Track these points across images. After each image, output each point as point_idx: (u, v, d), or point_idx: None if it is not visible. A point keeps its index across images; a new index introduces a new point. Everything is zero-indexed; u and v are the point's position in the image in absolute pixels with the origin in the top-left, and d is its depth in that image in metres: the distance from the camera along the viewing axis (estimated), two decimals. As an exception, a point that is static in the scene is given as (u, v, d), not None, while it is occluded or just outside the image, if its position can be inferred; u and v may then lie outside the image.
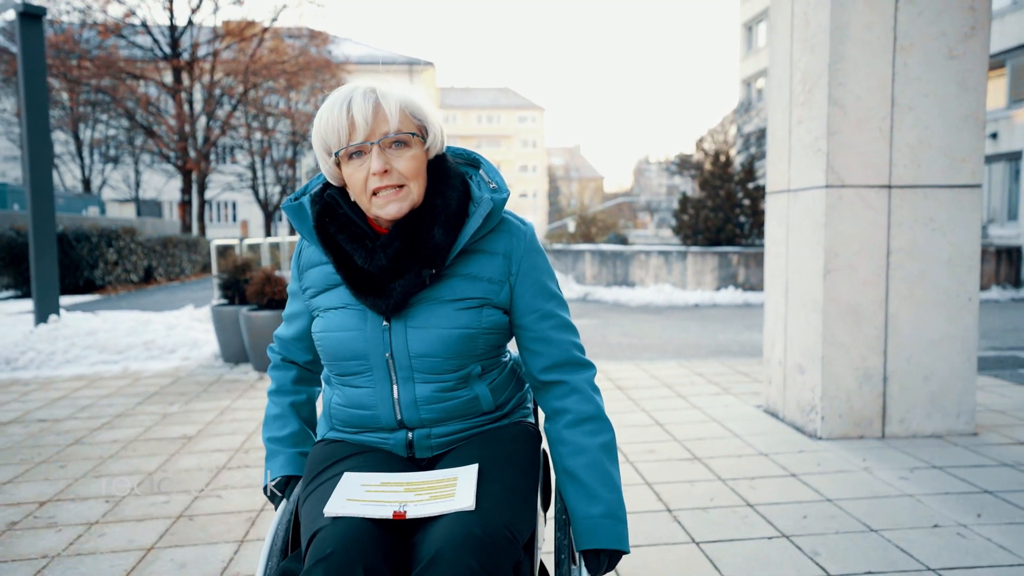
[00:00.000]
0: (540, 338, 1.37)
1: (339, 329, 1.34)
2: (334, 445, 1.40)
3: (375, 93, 1.28)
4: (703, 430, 3.76)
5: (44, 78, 6.51)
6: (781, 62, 3.83)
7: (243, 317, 5.59)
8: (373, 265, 1.28)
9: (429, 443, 1.36)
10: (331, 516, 1.14)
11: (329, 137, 1.29)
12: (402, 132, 1.27)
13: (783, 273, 3.88)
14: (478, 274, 1.33)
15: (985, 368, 5.15)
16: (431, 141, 1.33)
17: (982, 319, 8.23)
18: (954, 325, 3.52)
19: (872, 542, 2.41)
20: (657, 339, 7.16)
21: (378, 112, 1.27)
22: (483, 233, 1.34)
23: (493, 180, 1.38)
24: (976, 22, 3.37)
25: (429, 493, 1.19)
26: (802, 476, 3.05)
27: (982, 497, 2.77)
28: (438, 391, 1.33)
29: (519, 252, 1.36)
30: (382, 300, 1.28)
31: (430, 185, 1.32)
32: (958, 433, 3.54)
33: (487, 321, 1.34)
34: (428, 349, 1.30)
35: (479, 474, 1.24)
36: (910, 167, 3.44)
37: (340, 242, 1.31)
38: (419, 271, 1.28)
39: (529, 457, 1.37)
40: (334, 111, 1.28)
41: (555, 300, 1.39)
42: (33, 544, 2.57)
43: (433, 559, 1.07)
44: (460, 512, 1.13)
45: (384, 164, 1.25)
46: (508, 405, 1.45)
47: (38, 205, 6.56)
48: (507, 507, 1.19)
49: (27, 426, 4.16)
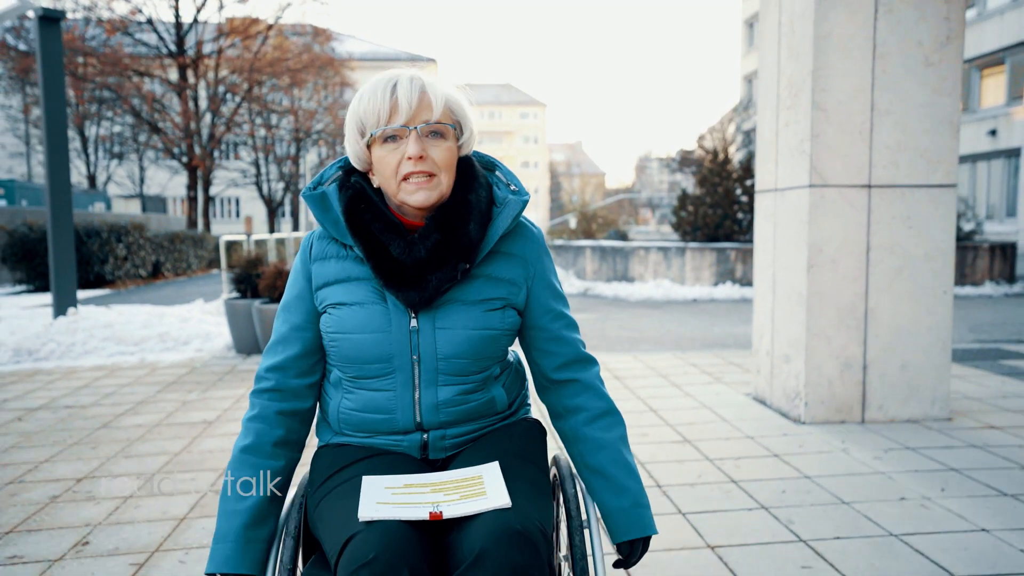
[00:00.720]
0: (554, 338, 1.39)
1: (361, 331, 1.30)
2: (342, 449, 1.37)
3: (422, 80, 1.29)
4: (694, 416, 3.99)
5: (62, 79, 6.73)
6: (769, 68, 4.05)
7: (256, 310, 5.82)
8: (411, 256, 1.26)
9: (443, 444, 1.36)
10: (365, 520, 1.13)
11: (368, 118, 1.28)
12: (442, 123, 1.28)
13: (771, 268, 4.10)
14: (501, 275, 1.35)
15: (968, 359, 5.37)
16: (465, 139, 1.34)
17: (973, 313, 8.44)
18: (930, 317, 3.74)
19: (842, 512, 2.64)
20: (654, 332, 7.39)
21: (423, 99, 1.27)
22: (505, 234, 1.35)
23: (511, 182, 1.40)
24: (951, 32, 3.58)
25: (459, 493, 1.20)
26: (784, 456, 3.28)
27: (948, 474, 3.00)
28: (460, 394, 1.33)
29: (534, 255, 1.38)
30: (415, 292, 1.27)
31: (461, 182, 1.33)
32: (933, 418, 3.77)
33: (508, 322, 1.35)
34: (457, 350, 1.30)
35: (502, 470, 1.26)
36: (889, 168, 3.66)
37: (375, 231, 1.28)
38: (455, 264, 1.28)
39: (540, 452, 1.41)
40: (377, 93, 1.27)
41: (563, 299, 1.43)
42: (75, 514, 2.81)
43: (479, 556, 1.08)
44: (496, 510, 1.14)
45: (420, 150, 1.25)
46: (515, 403, 1.48)
47: (56, 203, 6.80)
48: (536, 503, 1.21)
49: (55, 412, 4.40)
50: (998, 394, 4.32)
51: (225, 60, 22.26)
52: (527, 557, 1.09)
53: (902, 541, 2.40)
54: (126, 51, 21.06)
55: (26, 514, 2.81)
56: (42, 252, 11.84)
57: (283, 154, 27.86)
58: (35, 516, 2.79)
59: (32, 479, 3.21)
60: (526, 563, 1.08)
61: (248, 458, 1.30)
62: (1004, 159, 22.41)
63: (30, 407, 4.51)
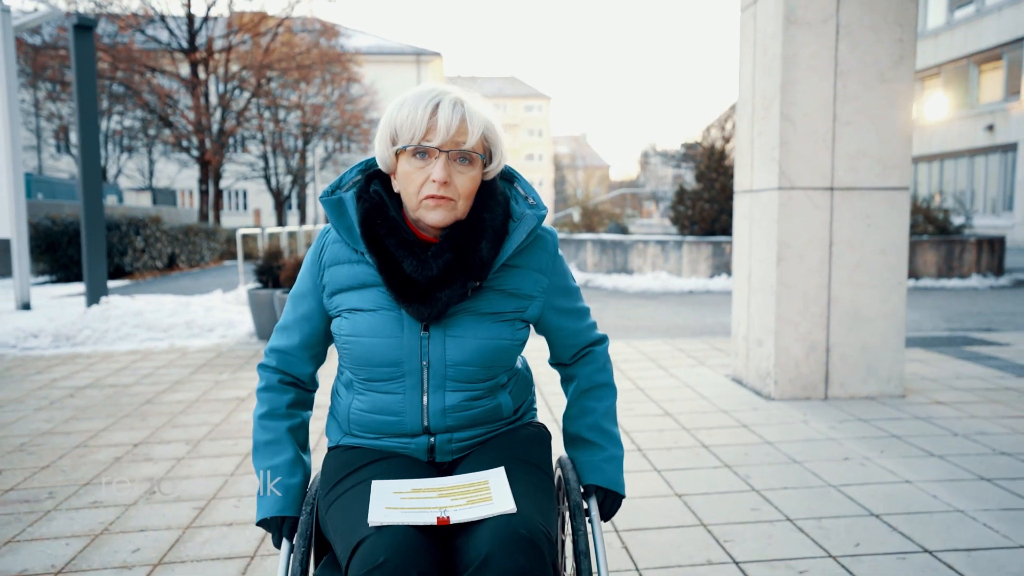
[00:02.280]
0: (573, 332, 1.48)
1: (373, 335, 1.34)
2: (351, 452, 1.41)
3: (464, 106, 1.31)
4: (676, 394, 4.45)
5: (95, 83, 7.20)
6: (745, 83, 4.48)
7: (278, 299, 6.29)
8: (423, 274, 1.29)
9: (450, 447, 1.40)
10: (375, 525, 1.17)
11: (403, 130, 1.30)
12: (474, 151, 1.31)
13: (747, 261, 4.55)
14: (513, 289, 1.39)
15: (934, 345, 5.82)
16: (492, 166, 1.38)
17: (953, 304, 8.87)
18: (886, 305, 4.19)
19: (793, 469, 3.11)
20: (649, 321, 7.84)
21: (463, 124, 1.29)
22: (521, 248, 1.39)
23: (529, 195, 1.42)
24: (903, 52, 4.02)
25: (465, 498, 1.24)
26: (751, 427, 3.75)
27: (890, 440, 3.46)
28: (466, 399, 1.37)
29: (549, 264, 1.43)
30: (426, 308, 1.30)
31: (479, 200, 1.36)
32: (888, 395, 4.23)
33: (519, 334, 1.40)
34: (465, 358, 1.34)
35: (507, 475, 1.31)
36: (849, 172, 4.11)
37: (389, 247, 1.31)
38: (465, 282, 1.31)
39: (546, 457, 1.45)
40: (418, 109, 1.28)
41: (576, 294, 1.49)
42: (138, 471, 3.29)
43: (485, 560, 1.12)
44: (501, 515, 1.18)
45: (446, 176, 1.28)
46: (521, 409, 1.52)
47: (89, 199, 7.27)
48: (540, 507, 1.25)
49: (102, 390, 4.88)
50: (952, 375, 4.77)
51: (235, 56, 22.70)
52: (532, 561, 1.13)
53: (838, 490, 2.86)
54: (138, 47, 21.52)
55: (97, 471, 3.29)
56: (64, 244, 12.35)
57: (291, 148, 28.32)
58: (104, 472, 3.27)
59: (95, 444, 3.69)
60: (531, 567, 1.12)
61: (268, 423, 1.43)
62: (1001, 154, 22.72)
63: (78, 386, 4.99)
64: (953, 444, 3.40)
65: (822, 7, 3.99)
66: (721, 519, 2.62)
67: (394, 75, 38.38)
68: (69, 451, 3.58)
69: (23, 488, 3.08)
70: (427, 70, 40.46)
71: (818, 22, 4.00)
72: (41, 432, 3.90)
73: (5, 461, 3.43)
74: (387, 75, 36.71)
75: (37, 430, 3.94)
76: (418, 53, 40.02)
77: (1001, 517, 2.59)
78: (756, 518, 2.62)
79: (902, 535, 2.46)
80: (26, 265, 8.26)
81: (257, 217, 32.94)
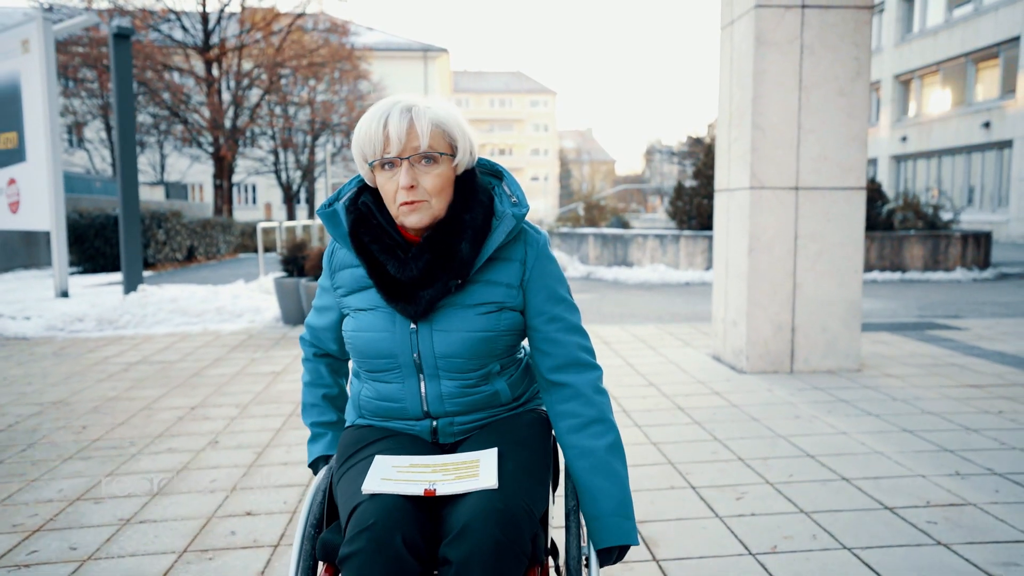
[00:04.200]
0: (548, 339, 1.48)
1: (369, 330, 1.45)
2: (363, 430, 1.53)
3: (410, 111, 1.37)
4: (661, 368, 5.04)
5: (131, 87, 7.81)
6: (723, 94, 5.06)
7: (303, 287, 6.90)
8: (405, 275, 1.39)
9: (452, 430, 1.49)
10: (369, 493, 1.28)
11: (366, 148, 1.39)
12: (431, 151, 1.36)
13: (724, 252, 5.13)
14: (497, 280, 1.45)
15: (899, 330, 6.39)
16: (459, 158, 1.42)
17: (931, 295, 9.43)
18: (844, 290, 4.77)
19: (750, 424, 3.70)
20: (645, 309, 8.43)
21: (411, 129, 1.35)
22: (502, 244, 1.44)
23: (514, 194, 1.47)
24: (859, 69, 4.59)
25: (455, 473, 1.33)
26: (722, 394, 4.34)
27: (838, 403, 4.06)
28: (461, 387, 1.46)
29: (532, 259, 1.46)
30: (411, 306, 1.40)
31: (458, 199, 1.42)
32: (846, 369, 4.81)
33: (504, 324, 1.45)
34: (452, 350, 1.42)
35: (499, 456, 1.38)
36: (812, 174, 4.68)
37: (374, 252, 1.41)
38: (446, 281, 1.39)
39: (542, 442, 1.51)
40: (372, 124, 1.37)
41: (563, 304, 1.49)
42: (199, 427, 3.90)
43: (462, 530, 1.20)
44: (485, 490, 1.27)
45: (411, 180, 1.35)
46: (524, 396, 1.59)
47: (126, 195, 7.89)
48: (525, 486, 1.33)
49: (151, 366, 5.50)
50: (908, 354, 5.35)
51: (247, 54, 23.29)
52: (507, 533, 1.21)
53: (786, 439, 3.46)
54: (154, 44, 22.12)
55: (164, 428, 3.91)
56: (91, 237, 12.99)
57: (300, 144, 28.93)
58: (171, 428, 3.88)
59: (157, 407, 4.31)
60: (506, 539, 1.20)
61: (312, 390, 1.67)
62: (997, 151, 23.16)
63: (129, 362, 5.61)
64: (890, 406, 3.99)
65: (788, 30, 4.56)
66: (686, 459, 3.22)
67: (402, 71, 38.89)
68: (136, 413, 4.20)
69: (107, 439, 3.70)
70: (434, 66, 40.93)
71: (785, 43, 4.57)
72: (108, 398, 4.52)
73: (85, 419, 4.05)
74: (395, 71, 37.21)
75: (104, 396, 4.56)
76: (425, 49, 40.48)
77: (911, 456, 3.18)
78: (714, 458, 3.22)
79: (829, 469, 3.05)
80: (64, 256, 8.89)
81: (268, 211, 33.60)
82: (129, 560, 2.38)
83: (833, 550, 2.35)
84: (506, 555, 1.19)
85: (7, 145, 9.18)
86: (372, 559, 1.18)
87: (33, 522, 2.68)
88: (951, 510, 2.63)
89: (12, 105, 8.93)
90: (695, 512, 2.67)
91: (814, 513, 2.63)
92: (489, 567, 1.18)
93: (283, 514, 2.73)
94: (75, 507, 2.82)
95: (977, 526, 2.50)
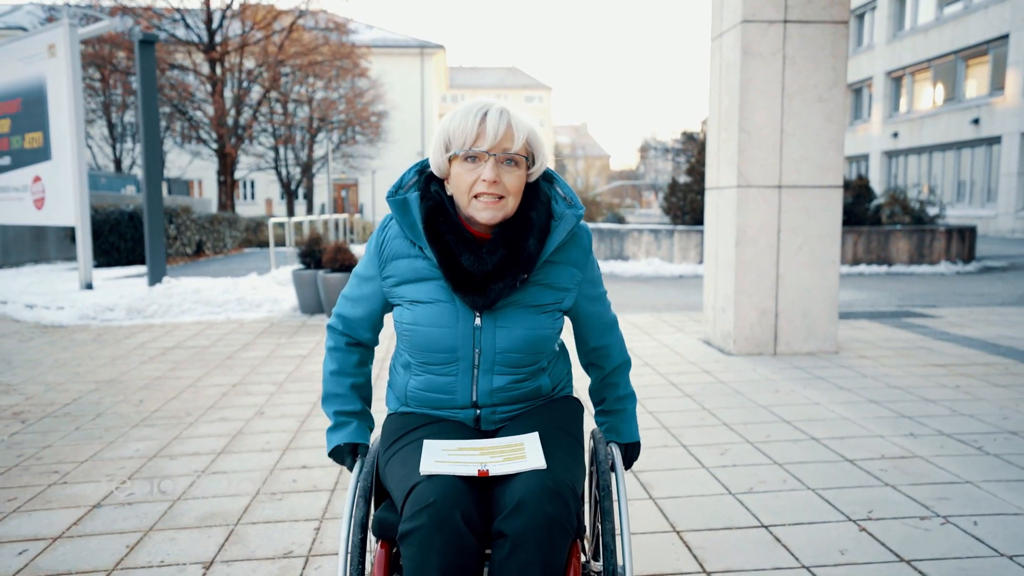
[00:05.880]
0: (599, 321, 1.67)
1: (432, 324, 1.51)
2: (407, 416, 1.61)
3: (509, 115, 1.48)
4: (656, 351, 5.52)
5: (155, 90, 8.24)
6: (713, 100, 5.53)
7: (320, 279, 7.36)
8: (479, 268, 1.45)
9: (494, 418, 1.59)
10: (426, 474, 1.36)
11: (455, 137, 1.46)
12: (519, 154, 1.47)
13: (714, 245, 5.61)
14: (553, 283, 1.56)
15: (878, 318, 6.88)
16: (536, 167, 1.53)
17: (913, 287, 9.93)
18: (823, 280, 5.25)
19: (735, 397, 4.18)
20: (641, 300, 8.91)
21: (508, 131, 1.46)
22: (561, 244, 1.55)
23: (567, 195, 1.57)
24: (836, 78, 5.06)
25: (503, 455, 1.42)
26: (711, 372, 4.82)
27: (814, 380, 4.54)
28: (512, 382, 1.55)
29: (583, 259, 1.60)
30: (481, 298, 1.47)
31: (525, 200, 1.52)
32: (824, 351, 5.30)
33: (558, 324, 1.58)
34: (513, 346, 1.52)
35: (541, 439, 1.47)
36: (793, 174, 5.15)
37: (450, 242, 1.47)
38: (515, 275, 1.48)
39: (577, 425, 1.64)
40: (468, 118, 1.46)
41: (600, 282, 1.67)
42: (243, 401, 4.36)
43: (517, 506, 1.30)
44: (535, 470, 1.36)
45: (496, 175, 1.44)
46: (559, 385, 1.70)
47: (151, 193, 8.33)
48: (568, 466, 1.44)
49: (187, 350, 5.95)
50: (882, 338, 5.84)
51: (249, 52, 23.67)
52: (557, 508, 1.31)
53: (766, 409, 3.94)
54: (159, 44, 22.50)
55: (212, 401, 4.36)
56: (106, 232, 13.40)
57: (300, 140, 29.32)
58: (219, 402, 4.34)
59: (201, 385, 4.77)
60: (556, 513, 1.30)
61: (338, 379, 1.67)
62: (986, 147, 23.67)
63: (165, 347, 6.07)
64: (861, 382, 4.47)
65: (771, 43, 5.02)
66: (678, 425, 3.70)
67: (399, 67, 39.23)
68: (184, 389, 4.66)
69: (164, 410, 4.16)
70: (431, 62, 41.26)
71: (768, 54, 5.03)
72: (155, 377, 4.98)
73: (140, 395, 4.51)
74: (392, 68, 37.55)
75: (151, 376, 5.02)
76: (422, 46, 40.80)
77: (873, 421, 3.67)
78: (702, 424, 3.70)
79: (801, 431, 3.54)
80: (89, 250, 9.32)
81: (268, 206, 34.00)
82: (212, 500, 2.85)
83: (799, 491, 2.83)
84: (557, 529, 1.30)
85: (32, 144, 9.60)
86: (433, 534, 1.27)
87: (122, 473, 3.15)
88: (901, 461, 3.12)
89: (38, 107, 9.34)
90: (685, 464, 3.15)
91: (786, 464, 3.11)
92: (542, 540, 1.28)
93: (335, 467, 3.19)
94: (154, 462, 3.28)
95: (920, 472, 2.98)
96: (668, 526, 2.55)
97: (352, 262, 7.34)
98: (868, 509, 2.64)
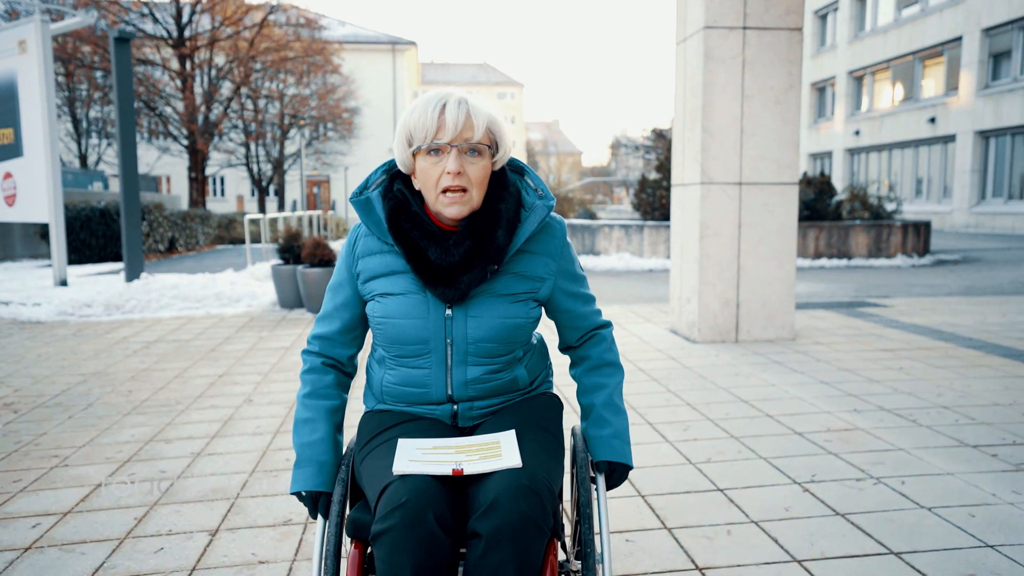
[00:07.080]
0: (578, 316, 1.62)
1: (403, 316, 1.50)
2: (383, 415, 1.59)
3: (467, 103, 1.44)
4: (625, 340, 5.80)
5: (132, 87, 8.30)
6: (678, 101, 5.82)
7: (300, 273, 7.51)
8: (447, 260, 1.44)
9: (471, 414, 1.57)
10: (399, 474, 1.33)
11: (416, 131, 1.44)
12: (481, 143, 1.44)
13: (680, 239, 5.91)
14: (527, 272, 1.53)
15: (834, 307, 7.26)
16: (500, 155, 1.50)
17: (870, 279, 10.38)
18: (780, 271, 5.58)
19: (698, 380, 4.48)
20: (611, 293, 9.21)
21: (467, 120, 1.43)
22: (532, 235, 1.52)
23: (538, 187, 1.55)
24: (792, 81, 5.38)
25: (478, 454, 1.40)
26: (677, 359, 5.11)
27: (772, 364, 4.86)
28: (486, 373, 1.53)
29: (557, 249, 1.57)
30: (451, 290, 1.45)
31: (492, 191, 1.49)
32: (782, 339, 5.63)
33: (532, 313, 1.55)
34: (485, 335, 1.49)
35: (518, 437, 1.45)
36: (753, 171, 5.47)
37: (415, 238, 1.46)
38: (484, 266, 1.46)
39: (556, 422, 1.61)
40: (427, 110, 1.42)
41: (582, 281, 1.62)
42: (231, 390, 4.54)
43: (491, 504, 1.28)
44: (510, 468, 1.34)
45: (459, 166, 1.41)
46: (537, 380, 1.68)
47: (127, 190, 8.39)
48: (545, 464, 1.42)
49: (169, 344, 6.08)
50: (837, 326, 6.21)
51: (219, 48, 23.52)
52: (533, 507, 1.29)
53: (726, 391, 4.24)
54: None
55: (200, 391, 4.53)
56: (76, 228, 13.34)
57: (271, 137, 29.18)
58: (206, 392, 4.51)
59: (188, 376, 4.92)
60: (531, 512, 1.28)
61: (310, 402, 1.58)
62: (941, 145, 24.49)
63: (148, 340, 6.19)
64: (814, 366, 4.80)
65: (732, 48, 5.32)
66: (645, 404, 3.97)
67: (370, 64, 39.16)
68: (171, 380, 4.81)
69: (154, 400, 4.32)
70: (402, 59, 41.23)
71: (729, 59, 5.33)
72: (141, 369, 5.12)
73: (128, 386, 4.66)
74: (364, 64, 37.48)
75: (136, 368, 5.16)
76: (393, 42, 40.76)
77: (822, 399, 3.99)
78: (667, 404, 3.98)
79: (757, 409, 3.84)
80: (63, 247, 9.34)
81: (240, 203, 33.76)
82: (211, 478, 3.05)
83: (752, 459, 3.12)
84: (532, 528, 1.28)
85: (3, 141, 9.58)
86: (405, 535, 1.25)
87: (122, 455, 3.32)
88: (844, 433, 3.43)
89: (8, 103, 9.33)
90: (651, 439, 3.42)
91: (742, 437, 3.40)
92: (517, 539, 1.26)
93: (324, 447, 3.40)
94: (151, 446, 3.46)
95: (860, 442, 3.30)
96: (634, 492, 2.81)
97: (331, 257, 7.51)
98: (812, 473, 2.94)
